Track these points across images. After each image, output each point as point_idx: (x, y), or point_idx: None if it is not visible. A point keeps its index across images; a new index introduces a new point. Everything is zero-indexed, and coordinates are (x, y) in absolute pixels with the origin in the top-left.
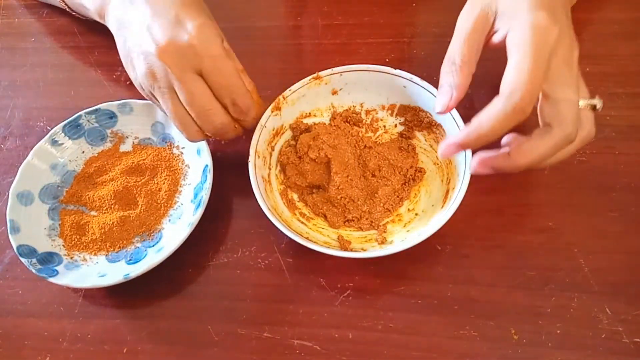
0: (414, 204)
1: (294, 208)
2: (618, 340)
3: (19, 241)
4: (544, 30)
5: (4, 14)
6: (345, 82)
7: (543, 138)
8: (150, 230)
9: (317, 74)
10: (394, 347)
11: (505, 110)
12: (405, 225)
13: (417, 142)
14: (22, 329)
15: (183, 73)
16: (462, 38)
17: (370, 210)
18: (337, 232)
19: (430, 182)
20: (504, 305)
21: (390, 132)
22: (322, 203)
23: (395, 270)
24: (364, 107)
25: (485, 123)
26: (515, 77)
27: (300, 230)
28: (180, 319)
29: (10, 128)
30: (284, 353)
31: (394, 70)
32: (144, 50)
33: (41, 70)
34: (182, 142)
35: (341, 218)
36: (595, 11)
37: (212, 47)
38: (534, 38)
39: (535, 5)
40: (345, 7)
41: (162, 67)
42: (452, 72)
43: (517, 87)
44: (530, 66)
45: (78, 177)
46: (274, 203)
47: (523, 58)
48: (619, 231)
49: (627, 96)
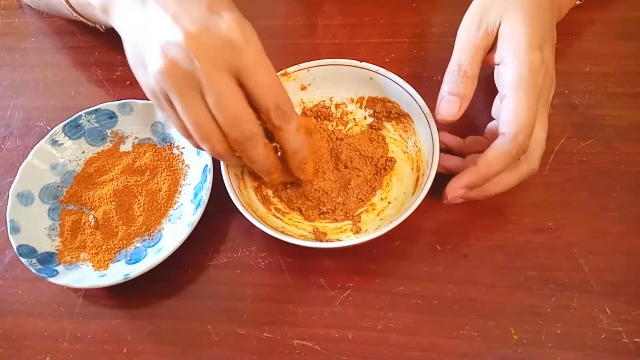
0: (387, 193)
1: (269, 204)
2: (618, 340)
3: (19, 241)
4: (536, 72)
5: (4, 14)
6: (313, 78)
7: (512, 172)
8: (150, 230)
9: (285, 71)
10: (394, 347)
11: (511, 152)
12: (378, 214)
13: (386, 132)
14: (22, 329)
15: (215, 71)
16: (471, 51)
17: (344, 202)
18: (313, 225)
19: (401, 170)
20: (504, 305)
21: (360, 124)
22: (296, 197)
23: (395, 270)
24: (334, 101)
25: (493, 164)
26: (518, 120)
27: (276, 225)
28: (180, 319)
29: (10, 128)
30: (284, 353)
31: (360, 63)
32: (165, 41)
33: (41, 70)
34: (182, 142)
35: (316, 211)
36: (595, 11)
37: (254, 42)
38: (530, 81)
39: (533, 44)
40: (345, 7)
41: (189, 60)
42: (463, 82)
43: (520, 130)
44: (528, 109)
45: (78, 177)
46: (248, 200)
47: (522, 101)
48: (619, 231)
49: (627, 96)
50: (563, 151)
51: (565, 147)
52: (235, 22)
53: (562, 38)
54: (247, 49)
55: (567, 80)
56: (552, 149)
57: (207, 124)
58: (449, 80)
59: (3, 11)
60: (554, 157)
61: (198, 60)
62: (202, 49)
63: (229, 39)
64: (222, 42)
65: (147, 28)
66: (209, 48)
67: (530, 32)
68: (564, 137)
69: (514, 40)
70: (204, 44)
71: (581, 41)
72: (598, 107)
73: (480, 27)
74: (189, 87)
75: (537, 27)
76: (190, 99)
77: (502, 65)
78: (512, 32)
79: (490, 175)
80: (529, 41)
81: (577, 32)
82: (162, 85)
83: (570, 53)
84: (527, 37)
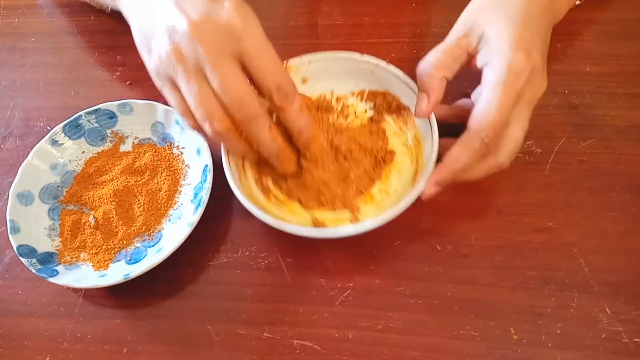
0: (386, 185)
1: (269, 194)
2: (618, 340)
3: (19, 241)
4: (518, 73)
5: (4, 14)
6: (314, 71)
7: (479, 164)
8: (150, 230)
9: (286, 63)
10: (394, 347)
11: (474, 147)
12: (377, 205)
13: (387, 125)
14: (22, 329)
15: (218, 56)
16: (441, 49)
17: (343, 192)
18: (312, 215)
19: (400, 163)
20: (504, 305)
21: (360, 117)
22: (296, 187)
23: (395, 270)
24: (334, 94)
25: (458, 159)
26: (484, 117)
27: (275, 214)
28: (180, 319)
29: (10, 128)
30: (284, 353)
31: (361, 57)
32: (171, 27)
33: (41, 70)
34: (182, 142)
35: (315, 201)
36: (595, 11)
37: (254, 28)
38: (507, 79)
39: (516, 44)
40: (345, 7)
41: (192, 46)
42: (426, 76)
43: (485, 127)
44: (498, 108)
45: (78, 177)
46: (248, 189)
47: (493, 100)
48: (619, 231)
49: (627, 96)
50: (563, 151)
51: (565, 147)
52: (235, 10)
53: (562, 38)
54: (247, 35)
55: (567, 80)
56: (552, 149)
57: (210, 101)
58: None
59: (3, 11)
60: (554, 157)
61: (202, 46)
62: (205, 36)
63: (230, 25)
64: (224, 29)
65: (154, 14)
66: (211, 35)
67: (515, 36)
68: (564, 137)
69: (496, 43)
70: (206, 31)
71: (581, 41)
72: (598, 107)
73: (464, 26)
74: (194, 69)
75: (523, 31)
76: (195, 77)
77: (485, 67)
78: (495, 35)
79: (457, 169)
80: (512, 44)
81: (577, 32)
82: (167, 66)
83: (570, 53)
84: (510, 40)
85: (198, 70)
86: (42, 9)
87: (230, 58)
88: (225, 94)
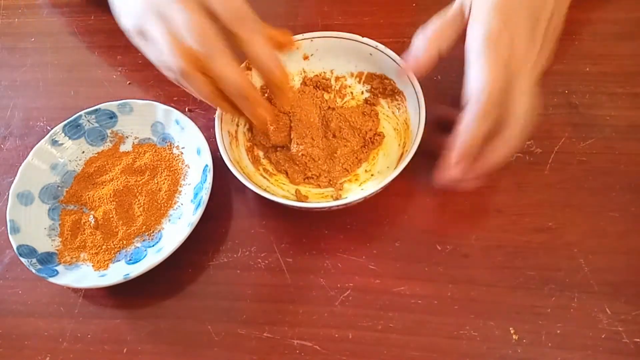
0: (372, 166)
1: (259, 164)
2: (618, 340)
3: (19, 241)
4: (496, 37)
5: (4, 14)
6: (316, 48)
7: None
8: (150, 230)
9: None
10: (394, 347)
11: (478, 113)
12: (360, 185)
13: (380, 108)
14: (22, 329)
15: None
16: (437, 23)
17: (329, 170)
18: (296, 188)
19: (389, 146)
20: (504, 305)
21: (357, 98)
22: (284, 160)
23: (395, 270)
24: (334, 73)
25: (466, 128)
26: (475, 83)
27: (261, 184)
28: (180, 319)
29: (10, 128)
30: (284, 353)
31: (362, 38)
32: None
33: (41, 70)
34: (182, 142)
35: (301, 175)
36: (595, 11)
37: None
38: (488, 45)
39: (494, 10)
40: (345, 7)
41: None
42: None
43: (478, 91)
44: (488, 70)
45: (78, 177)
46: (238, 157)
47: (482, 67)
48: (619, 231)
49: (627, 96)
50: (563, 151)
51: (565, 147)
52: None
53: (562, 38)
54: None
55: (567, 80)
56: (552, 149)
57: (175, 40)
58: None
59: (3, 11)
60: (554, 157)
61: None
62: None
63: None
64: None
65: None
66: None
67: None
68: (564, 137)
69: (475, 9)
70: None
71: (581, 41)
72: (598, 107)
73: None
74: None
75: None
76: (165, 20)
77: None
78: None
79: (470, 139)
80: (490, 6)
81: (577, 32)
82: (142, 14)
83: (570, 53)
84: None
85: (168, 17)
86: (42, 9)
87: (195, 4)
88: (189, 31)
